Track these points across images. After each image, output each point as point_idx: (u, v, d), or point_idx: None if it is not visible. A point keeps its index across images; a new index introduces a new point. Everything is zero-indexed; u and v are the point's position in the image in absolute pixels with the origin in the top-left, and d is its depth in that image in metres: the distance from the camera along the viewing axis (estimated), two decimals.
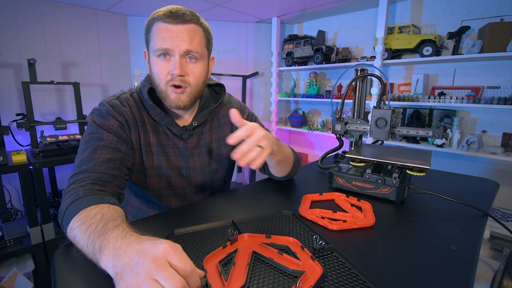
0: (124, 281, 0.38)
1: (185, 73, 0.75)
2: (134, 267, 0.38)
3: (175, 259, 0.39)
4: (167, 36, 0.71)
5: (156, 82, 0.77)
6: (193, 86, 0.78)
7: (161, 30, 0.72)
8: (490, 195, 0.86)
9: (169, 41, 0.71)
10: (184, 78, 0.75)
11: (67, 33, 2.29)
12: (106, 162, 0.68)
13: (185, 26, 0.72)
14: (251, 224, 0.63)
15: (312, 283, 0.43)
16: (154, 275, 0.37)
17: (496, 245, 1.71)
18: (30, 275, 1.70)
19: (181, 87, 0.75)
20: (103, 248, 0.44)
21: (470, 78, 2.03)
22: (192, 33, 0.73)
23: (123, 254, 0.41)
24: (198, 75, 0.78)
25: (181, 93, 0.76)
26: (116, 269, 0.40)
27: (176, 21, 0.71)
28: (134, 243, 0.42)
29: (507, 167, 1.92)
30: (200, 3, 2.29)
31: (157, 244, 0.40)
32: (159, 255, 0.39)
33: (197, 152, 0.88)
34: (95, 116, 0.75)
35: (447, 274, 0.47)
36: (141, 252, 0.40)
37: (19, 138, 1.95)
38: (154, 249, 0.39)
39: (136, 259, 0.39)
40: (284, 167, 0.86)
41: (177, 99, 0.76)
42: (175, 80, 0.74)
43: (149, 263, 0.38)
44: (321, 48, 2.54)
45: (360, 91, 1.04)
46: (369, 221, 0.64)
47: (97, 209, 0.54)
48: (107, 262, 0.42)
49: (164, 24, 0.71)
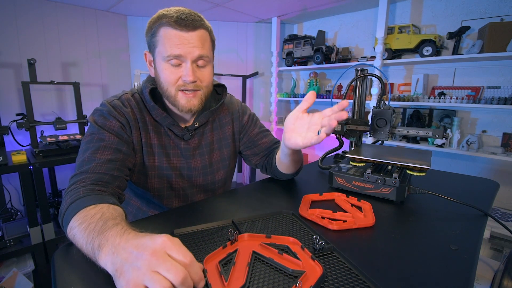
0: (124, 277, 0.38)
1: (197, 78, 0.75)
2: (134, 262, 0.38)
3: (174, 251, 0.40)
4: (179, 43, 0.70)
5: (164, 87, 0.76)
6: (204, 89, 0.79)
7: (171, 37, 0.71)
8: (490, 195, 0.86)
9: (181, 48, 0.71)
10: (196, 84, 0.76)
11: (67, 33, 2.29)
12: (107, 163, 0.68)
13: (196, 33, 0.72)
14: (251, 224, 0.63)
15: (312, 283, 0.43)
16: (155, 267, 0.37)
17: (496, 245, 1.71)
18: (30, 275, 1.70)
19: (191, 91, 0.76)
20: (102, 246, 0.44)
21: (470, 78, 2.03)
22: (203, 39, 0.73)
23: (122, 250, 0.41)
24: (208, 79, 0.79)
25: (192, 97, 0.76)
26: (115, 266, 0.40)
27: (187, 28, 0.70)
28: (132, 239, 0.42)
29: (507, 167, 1.92)
30: (200, 3, 2.29)
31: (155, 238, 0.41)
32: (158, 247, 0.39)
33: (199, 152, 0.88)
34: (97, 117, 0.75)
35: (447, 274, 0.47)
36: (139, 246, 0.40)
37: (19, 138, 1.95)
38: (153, 243, 0.40)
39: (135, 253, 0.39)
40: (299, 163, 0.88)
41: (188, 103, 0.76)
42: (187, 86, 0.75)
43: (149, 256, 0.38)
44: (321, 48, 2.54)
45: (360, 91, 1.04)
46: (369, 221, 0.64)
47: (97, 208, 0.54)
48: (106, 259, 0.42)
49: (175, 31, 0.70)
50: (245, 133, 0.98)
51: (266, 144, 0.98)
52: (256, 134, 0.98)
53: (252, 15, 2.68)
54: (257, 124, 1.00)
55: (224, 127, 0.95)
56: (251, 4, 2.35)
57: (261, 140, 0.98)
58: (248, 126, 0.98)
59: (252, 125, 0.99)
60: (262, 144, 0.97)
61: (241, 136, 0.98)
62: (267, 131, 1.01)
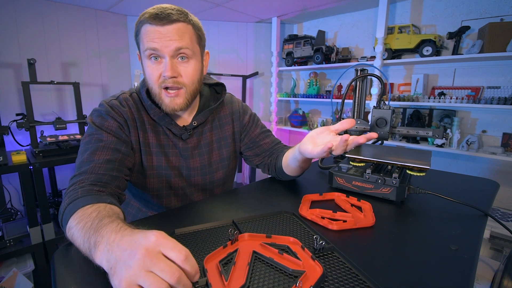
0: (117, 276, 0.37)
1: (178, 74, 0.73)
2: (127, 260, 0.38)
3: (168, 248, 0.39)
4: (155, 37, 0.70)
5: (149, 85, 0.76)
6: (188, 86, 0.76)
7: (148, 32, 0.70)
8: (490, 195, 0.86)
9: (157, 41, 0.70)
10: (177, 80, 0.74)
11: (67, 33, 2.29)
12: (106, 163, 0.68)
13: (173, 26, 0.70)
14: (251, 224, 0.63)
15: (312, 283, 0.43)
16: (150, 268, 0.36)
17: (496, 245, 1.71)
18: (30, 275, 1.70)
19: (174, 89, 0.74)
20: (98, 243, 0.44)
21: (470, 78, 2.03)
22: (181, 32, 0.71)
23: (116, 248, 0.41)
24: (191, 74, 0.76)
25: (175, 96, 0.75)
26: (110, 264, 0.40)
27: (162, 22, 0.69)
28: (126, 236, 0.42)
29: (507, 167, 1.92)
30: (200, 3, 2.29)
31: (148, 235, 0.40)
32: (151, 246, 0.38)
33: (198, 152, 0.88)
34: (95, 117, 0.75)
35: (447, 274, 0.47)
36: (132, 244, 0.39)
37: (19, 138, 1.95)
38: (146, 240, 0.39)
39: (128, 252, 0.39)
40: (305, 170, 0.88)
41: (172, 102, 0.75)
42: (167, 82, 0.73)
43: (142, 255, 0.37)
44: (321, 48, 2.54)
45: (360, 91, 1.04)
46: (369, 221, 0.64)
47: (94, 207, 0.54)
48: (102, 257, 0.42)
49: (151, 26, 0.70)
50: (246, 133, 0.98)
51: (268, 144, 0.98)
52: (258, 135, 0.98)
53: (252, 15, 2.68)
54: (258, 124, 1.00)
55: (224, 126, 0.95)
56: (251, 4, 2.35)
57: (262, 140, 0.97)
58: (249, 127, 0.98)
59: (253, 125, 0.98)
60: (264, 144, 0.97)
61: (242, 137, 0.98)
62: (268, 131, 1.01)
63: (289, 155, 0.85)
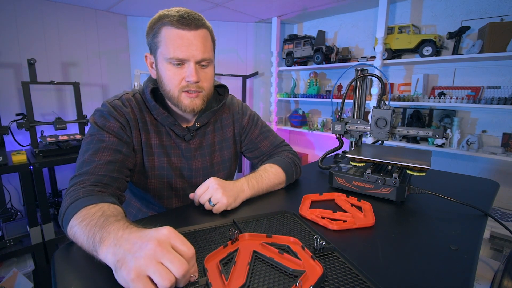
0: (126, 266, 0.38)
1: (200, 79, 0.75)
2: (137, 252, 0.39)
3: (178, 242, 0.41)
4: (182, 44, 0.70)
5: (167, 88, 0.76)
6: (206, 89, 0.79)
7: (174, 37, 0.70)
8: (490, 195, 0.86)
9: (184, 50, 0.71)
10: (198, 84, 0.76)
11: (67, 33, 2.29)
12: (107, 164, 0.68)
13: (198, 32, 0.72)
14: (252, 223, 0.63)
15: (312, 282, 0.43)
16: (160, 258, 0.38)
17: (496, 245, 1.71)
18: (30, 275, 1.70)
19: (195, 92, 0.76)
20: (104, 239, 0.44)
21: (470, 78, 2.03)
22: (205, 40, 0.74)
23: (124, 241, 0.42)
24: (210, 79, 0.79)
25: (195, 97, 0.77)
26: (117, 257, 0.40)
27: (190, 27, 0.70)
28: (135, 232, 0.43)
29: (507, 167, 1.92)
30: (200, 3, 2.29)
31: (160, 229, 0.42)
32: (162, 238, 0.40)
33: (200, 153, 0.88)
34: (97, 117, 0.75)
35: (447, 274, 0.47)
36: (143, 237, 0.41)
37: (19, 138, 1.95)
38: (157, 233, 0.41)
39: (139, 244, 0.40)
40: (271, 189, 0.84)
41: (191, 103, 0.77)
42: (191, 87, 0.75)
43: (154, 246, 0.39)
44: (321, 48, 2.54)
45: (360, 91, 1.04)
46: (369, 221, 0.64)
47: (97, 207, 0.54)
48: (107, 251, 0.42)
49: (177, 31, 0.70)
50: (246, 135, 0.97)
51: (266, 147, 0.98)
52: (257, 136, 0.98)
53: (252, 15, 2.68)
54: (258, 124, 1.00)
55: (226, 128, 0.95)
56: (251, 4, 2.35)
57: (261, 142, 0.97)
58: (249, 128, 0.98)
59: (252, 126, 0.98)
60: (262, 147, 0.97)
61: (242, 138, 0.98)
62: (268, 132, 1.00)
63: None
